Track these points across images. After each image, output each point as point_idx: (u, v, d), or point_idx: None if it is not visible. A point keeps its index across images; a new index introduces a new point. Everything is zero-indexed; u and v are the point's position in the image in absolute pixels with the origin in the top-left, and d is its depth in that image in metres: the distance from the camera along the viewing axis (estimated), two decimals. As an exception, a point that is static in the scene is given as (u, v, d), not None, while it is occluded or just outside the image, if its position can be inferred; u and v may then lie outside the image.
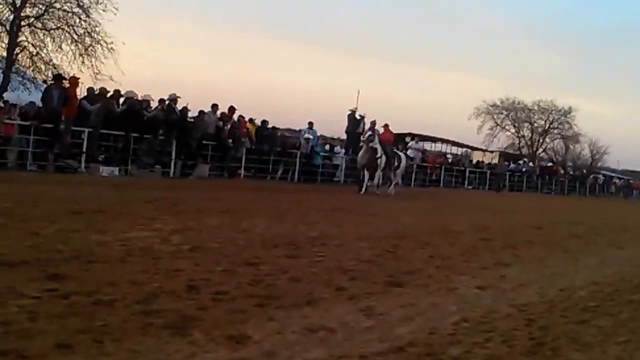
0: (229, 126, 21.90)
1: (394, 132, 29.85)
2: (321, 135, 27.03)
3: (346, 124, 26.57)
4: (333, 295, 5.76)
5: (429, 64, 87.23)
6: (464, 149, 50.45)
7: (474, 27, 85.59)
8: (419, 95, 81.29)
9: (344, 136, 28.53)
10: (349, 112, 26.33)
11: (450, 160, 37.77)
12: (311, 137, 25.45)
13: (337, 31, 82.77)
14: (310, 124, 26.09)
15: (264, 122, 24.36)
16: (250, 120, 23.78)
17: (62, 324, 4.14)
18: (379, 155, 20.93)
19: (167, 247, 7.27)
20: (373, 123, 23.01)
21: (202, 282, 5.65)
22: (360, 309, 5.34)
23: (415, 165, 31.30)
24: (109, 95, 19.34)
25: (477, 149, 52.44)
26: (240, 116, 22.81)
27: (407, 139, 33.68)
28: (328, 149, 28.12)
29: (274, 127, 25.00)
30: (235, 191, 16.05)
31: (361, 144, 21.99)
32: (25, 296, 4.70)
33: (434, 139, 46.39)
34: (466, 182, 35.37)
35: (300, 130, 27.31)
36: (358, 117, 26.16)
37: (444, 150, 46.12)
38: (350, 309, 5.34)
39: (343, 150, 27.48)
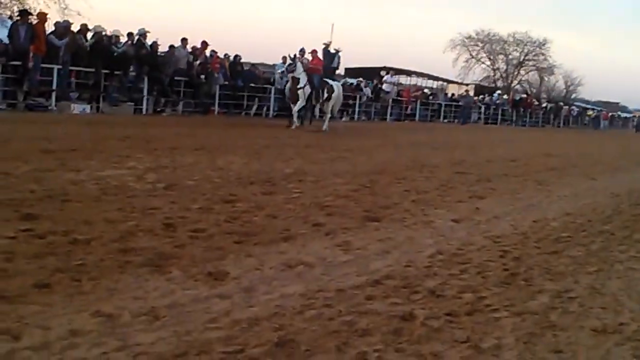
0: (199, 62, 21.49)
1: (370, 65, 29.67)
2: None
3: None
4: (310, 230, 5.80)
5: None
6: (440, 83, 50.29)
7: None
8: (394, 29, 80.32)
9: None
10: (323, 46, 25.94)
11: (427, 93, 37.58)
12: (284, 70, 25.09)
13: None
14: (284, 58, 25.67)
15: (237, 56, 23.92)
16: (226, 55, 23.36)
17: (39, 264, 4.13)
18: (301, 85, 19.21)
19: (142, 185, 7.23)
20: (301, 51, 21.13)
21: (178, 220, 5.65)
22: (338, 244, 5.39)
23: (390, 100, 31.20)
24: (77, 30, 18.83)
25: (452, 82, 52.27)
26: (213, 51, 22.37)
27: (382, 72, 33.29)
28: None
29: (250, 64, 24.59)
30: (209, 128, 15.92)
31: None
32: (0, 237, 4.67)
33: (409, 73, 46.04)
34: (442, 116, 35.36)
35: (274, 65, 26.91)
36: (333, 52, 25.82)
37: (419, 84, 45.90)
38: (328, 244, 5.39)
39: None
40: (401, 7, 79.97)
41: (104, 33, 18.76)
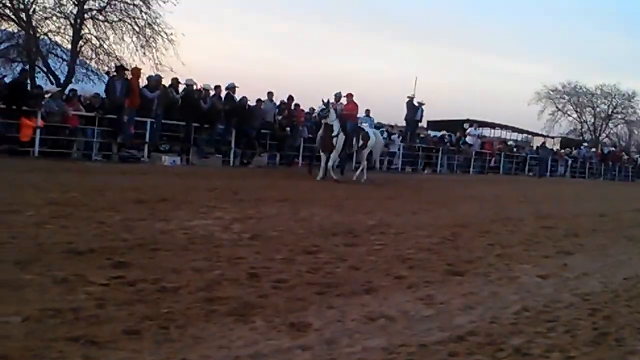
0: (284, 115, 22.00)
1: (453, 118, 29.49)
2: (378, 123, 26.80)
3: (405, 111, 26.40)
4: (392, 283, 5.78)
5: (488, 49, 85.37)
6: (524, 135, 49.45)
7: (533, 10, 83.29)
8: (478, 81, 79.72)
9: (401, 124, 28.33)
10: (407, 99, 26.13)
11: (511, 145, 36.89)
12: (367, 125, 25.34)
13: (392, 17, 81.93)
14: (367, 111, 26.00)
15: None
16: (311, 109, 23.84)
17: (129, 311, 4.27)
18: (335, 133, 17.58)
19: (229, 235, 7.40)
20: (337, 96, 19.53)
21: (262, 270, 5.74)
22: (420, 297, 5.35)
23: (473, 152, 30.87)
24: (168, 84, 19.69)
25: (537, 134, 51.29)
26: (297, 104, 22.88)
27: (466, 125, 33.09)
28: (385, 136, 27.98)
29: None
30: (293, 180, 16.15)
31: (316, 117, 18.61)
32: (93, 283, 4.87)
33: (492, 125, 45.56)
34: (526, 169, 34.60)
35: (359, 119, 27.22)
36: (416, 104, 25.99)
37: (503, 136, 45.27)
38: (410, 297, 5.35)
39: (400, 138, 27.30)
40: (485, 60, 79.35)
41: (194, 87, 19.53)
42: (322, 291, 5.23)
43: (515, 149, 36.09)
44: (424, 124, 30.40)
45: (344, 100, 19.40)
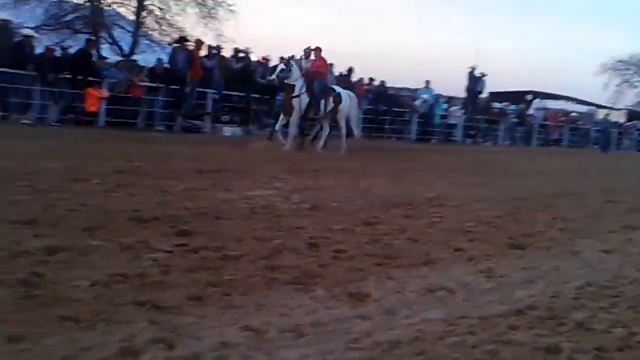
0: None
1: (515, 89, 28.83)
2: (438, 94, 26.51)
3: (466, 82, 26.04)
4: (452, 256, 5.75)
5: (553, 17, 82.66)
6: (589, 107, 48.07)
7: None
8: (542, 51, 77.46)
9: (461, 95, 27.95)
10: (469, 70, 25.75)
11: (575, 117, 35.88)
12: (427, 96, 25.09)
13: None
14: (427, 82, 25.73)
15: (382, 82, 24.27)
16: (371, 79, 23.76)
17: (192, 277, 4.39)
18: (296, 93, 15.21)
19: (288, 206, 7.49)
20: (306, 52, 16.39)
21: (322, 240, 5.79)
22: (480, 270, 5.31)
23: (536, 124, 30.23)
24: (230, 55, 19.90)
25: (603, 106, 49.70)
26: (360, 78, 22.82)
27: (528, 96, 32.41)
28: (445, 107, 27.67)
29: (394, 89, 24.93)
30: (352, 151, 16.13)
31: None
32: (158, 250, 5.00)
33: (556, 97, 44.37)
34: (590, 142, 33.66)
35: (417, 90, 27.00)
36: (478, 75, 25.59)
37: (567, 108, 44.08)
38: (470, 270, 5.32)
39: (461, 110, 26.97)
40: (549, 30, 77.00)
41: (251, 57, 19.65)
42: (381, 262, 5.25)
43: (579, 122, 35.14)
44: (485, 95, 29.82)
45: (312, 57, 16.37)
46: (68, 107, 17.14)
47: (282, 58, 17.37)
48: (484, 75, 25.63)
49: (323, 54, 16.50)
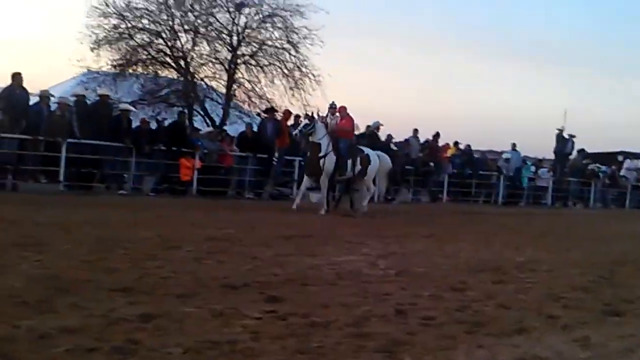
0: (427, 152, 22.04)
1: (605, 150, 28.05)
2: (525, 156, 26.13)
3: (554, 143, 25.64)
4: (544, 323, 5.58)
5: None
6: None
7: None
8: (632, 110, 74.95)
9: (550, 156, 27.48)
10: (557, 132, 25.38)
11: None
12: (510, 156, 24.80)
13: (539, 46, 79.16)
14: (513, 145, 25.46)
15: (467, 145, 24.23)
16: (456, 143, 23.78)
17: (281, 344, 4.42)
18: (322, 153, 14.50)
19: (375, 272, 7.48)
20: (331, 107, 15.57)
21: (409, 307, 5.75)
22: (575, 339, 5.13)
23: (630, 186, 29.21)
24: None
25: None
26: (446, 144, 22.91)
27: (620, 157, 31.45)
28: (533, 170, 27.20)
29: (479, 152, 24.84)
30: (437, 216, 16.01)
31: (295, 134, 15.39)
32: (248, 317, 5.08)
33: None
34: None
35: (502, 152, 26.74)
36: (566, 137, 25.17)
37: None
38: (564, 338, 5.15)
39: (550, 172, 26.46)
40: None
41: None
42: (471, 330, 5.16)
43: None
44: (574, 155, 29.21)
45: (337, 116, 15.69)
46: (163, 177, 17.89)
47: (305, 115, 16.91)
48: (572, 137, 25.16)
49: (349, 112, 15.80)
